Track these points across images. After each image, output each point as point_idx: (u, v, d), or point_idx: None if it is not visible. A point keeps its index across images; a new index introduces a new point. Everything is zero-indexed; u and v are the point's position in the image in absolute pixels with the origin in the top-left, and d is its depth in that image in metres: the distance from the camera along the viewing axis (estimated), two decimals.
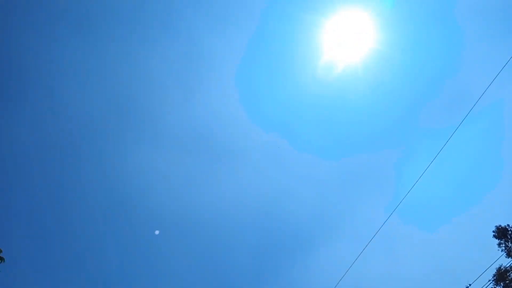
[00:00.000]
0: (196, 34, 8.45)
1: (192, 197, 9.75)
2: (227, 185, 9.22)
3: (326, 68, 7.62)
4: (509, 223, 16.61)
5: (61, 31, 9.29)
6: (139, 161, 9.55)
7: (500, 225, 16.92)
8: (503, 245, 16.61)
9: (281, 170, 9.08)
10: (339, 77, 7.81)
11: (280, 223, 9.85)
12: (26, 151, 10.05)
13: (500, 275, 15.67)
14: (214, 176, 9.20)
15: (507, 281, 15.51)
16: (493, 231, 17.02)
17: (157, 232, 9.51)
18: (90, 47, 9.33)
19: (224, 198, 9.72)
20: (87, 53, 9.34)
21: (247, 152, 9.03)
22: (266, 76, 8.32)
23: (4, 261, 7.06)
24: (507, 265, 15.92)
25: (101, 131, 9.55)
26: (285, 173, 9.00)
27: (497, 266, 16.07)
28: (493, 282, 15.88)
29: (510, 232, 16.61)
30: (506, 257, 16.34)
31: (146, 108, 9.37)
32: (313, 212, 9.52)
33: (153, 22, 8.73)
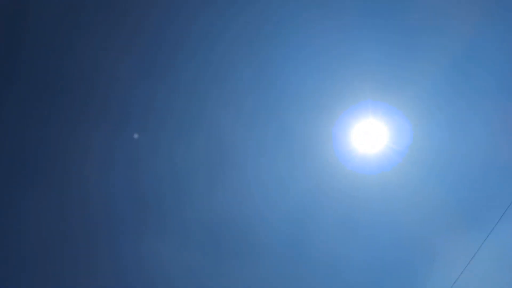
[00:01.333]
0: (220, 126, 8.47)
1: None
2: (243, 282, 8.75)
3: (349, 165, 7.39)
4: None
5: (91, 119, 9.34)
6: (158, 253, 9.17)
7: None
8: None
9: (300, 267, 8.62)
10: (364, 175, 7.57)
11: None
12: (44, 237, 9.78)
13: None
14: (230, 272, 8.74)
15: None
16: None
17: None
18: (118, 135, 9.34)
19: None
20: (115, 141, 9.32)
21: (267, 246, 8.65)
22: (288, 169, 8.20)
23: None
24: None
25: (123, 220, 9.28)
26: (304, 271, 8.51)
27: None
28: None
29: None
30: None
31: (169, 198, 9.17)
32: None
33: (181, 114, 8.79)
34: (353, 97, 8.18)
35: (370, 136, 8.42)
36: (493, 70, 7.80)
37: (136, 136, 9.22)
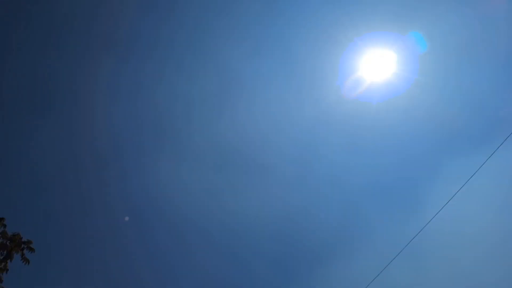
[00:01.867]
0: (226, 56, 8.46)
1: (215, 209, 9.64)
2: (252, 198, 9.12)
3: (353, 90, 7.41)
4: None
5: (96, 50, 9.43)
6: (164, 176, 9.50)
7: None
8: None
9: (306, 186, 8.93)
10: (370, 99, 7.62)
11: (302, 236, 9.61)
12: (50, 164, 10.13)
13: None
14: (239, 190, 9.11)
15: None
16: None
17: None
18: (123, 65, 9.42)
19: (248, 210, 9.54)
20: (120, 71, 9.41)
21: (273, 168, 8.94)
22: (293, 95, 8.26)
23: (34, 251, 6.55)
24: None
25: (128, 146, 9.56)
26: (310, 190, 8.83)
27: None
28: None
29: None
30: None
31: (174, 125, 9.35)
32: (336, 226, 9.37)
33: (185, 45, 8.71)
34: (361, 27, 8.25)
35: (378, 64, 8.54)
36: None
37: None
